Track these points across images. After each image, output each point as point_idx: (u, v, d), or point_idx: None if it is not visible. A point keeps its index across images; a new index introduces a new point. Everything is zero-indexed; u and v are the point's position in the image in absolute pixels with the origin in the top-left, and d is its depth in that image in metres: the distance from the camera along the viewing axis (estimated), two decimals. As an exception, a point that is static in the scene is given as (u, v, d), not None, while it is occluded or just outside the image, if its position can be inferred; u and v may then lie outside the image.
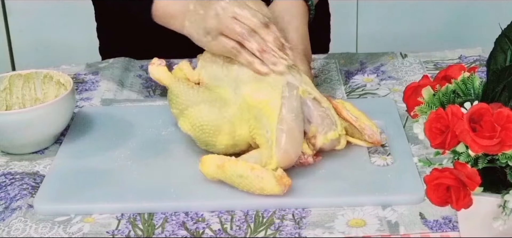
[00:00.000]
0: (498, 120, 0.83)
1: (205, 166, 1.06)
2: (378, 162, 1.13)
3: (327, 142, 1.11)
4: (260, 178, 1.02)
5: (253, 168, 1.03)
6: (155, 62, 1.19)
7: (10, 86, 1.27)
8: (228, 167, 1.04)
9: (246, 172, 1.03)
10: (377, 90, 1.36)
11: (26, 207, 1.05)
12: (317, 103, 1.11)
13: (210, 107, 1.12)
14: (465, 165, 0.84)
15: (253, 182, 1.03)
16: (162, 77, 1.17)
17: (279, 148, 1.06)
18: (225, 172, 1.04)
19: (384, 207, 1.03)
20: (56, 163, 1.15)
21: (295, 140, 1.07)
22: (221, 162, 1.05)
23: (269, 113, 1.08)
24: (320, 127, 1.10)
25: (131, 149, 1.18)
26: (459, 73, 0.93)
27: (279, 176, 1.03)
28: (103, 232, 1.00)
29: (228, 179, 1.05)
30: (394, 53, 1.51)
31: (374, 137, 1.14)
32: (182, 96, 1.14)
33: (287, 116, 1.07)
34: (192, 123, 1.12)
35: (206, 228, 1.00)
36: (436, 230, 0.98)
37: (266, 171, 1.03)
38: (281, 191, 1.03)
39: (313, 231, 0.99)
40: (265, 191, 1.03)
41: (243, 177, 1.03)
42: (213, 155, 1.08)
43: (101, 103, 1.36)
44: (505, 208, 0.85)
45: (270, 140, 1.07)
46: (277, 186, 1.02)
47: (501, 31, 0.95)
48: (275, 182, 1.02)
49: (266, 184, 1.02)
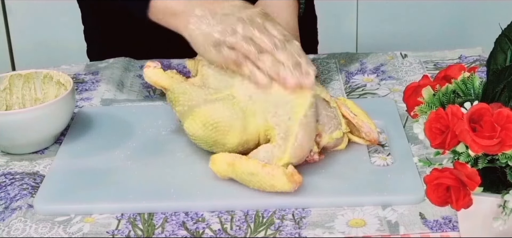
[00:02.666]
0: (498, 120, 0.83)
1: (216, 164, 1.06)
2: (378, 162, 1.13)
3: (331, 141, 1.11)
4: (271, 175, 1.02)
5: (264, 165, 1.03)
6: (150, 65, 1.17)
7: (10, 86, 1.27)
8: (239, 165, 1.04)
9: (257, 169, 1.03)
10: (377, 90, 1.36)
11: (26, 207, 1.05)
12: (326, 103, 1.12)
13: (223, 106, 1.10)
14: (465, 165, 0.84)
15: (263, 179, 1.03)
16: (160, 79, 1.15)
17: (296, 141, 1.05)
18: (236, 169, 1.04)
19: (384, 207, 1.03)
20: (56, 163, 1.15)
21: (310, 136, 1.07)
22: (232, 159, 1.05)
23: (299, 103, 1.07)
24: (327, 126, 1.10)
25: (131, 149, 1.18)
26: (459, 73, 0.93)
27: (290, 173, 1.03)
28: (103, 232, 1.00)
29: (238, 176, 1.05)
30: (394, 53, 1.51)
31: (371, 135, 1.14)
32: (190, 94, 1.12)
33: (309, 112, 1.07)
34: (204, 121, 1.10)
35: (206, 228, 1.00)
36: (436, 230, 0.98)
37: (277, 168, 1.03)
38: (292, 188, 1.03)
39: (313, 231, 0.99)
40: (276, 188, 1.03)
41: (253, 174, 1.03)
42: (223, 153, 1.07)
43: (101, 103, 1.36)
44: (505, 208, 0.85)
45: (289, 130, 1.06)
46: (288, 183, 1.02)
47: (501, 31, 0.95)
48: (286, 179, 1.02)
49: (277, 181, 1.02)
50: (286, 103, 1.08)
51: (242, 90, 1.11)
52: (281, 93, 1.09)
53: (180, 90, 1.13)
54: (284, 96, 1.08)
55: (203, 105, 1.10)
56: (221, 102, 1.10)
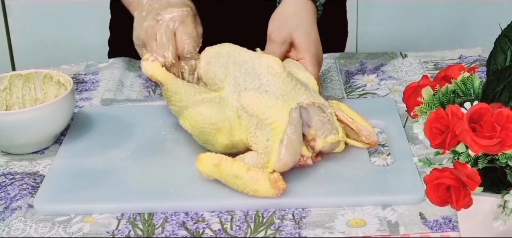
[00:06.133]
0: (498, 120, 0.83)
1: (201, 164, 1.07)
2: (378, 162, 1.13)
3: (326, 145, 1.10)
4: (254, 180, 1.02)
5: (249, 169, 1.03)
6: (147, 57, 1.18)
7: (10, 86, 1.27)
8: (224, 167, 1.04)
9: (242, 172, 1.03)
10: (377, 90, 1.36)
11: (26, 207, 1.05)
12: (319, 109, 1.11)
13: (209, 108, 1.11)
14: (465, 165, 0.84)
15: (247, 183, 1.03)
16: (156, 73, 1.16)
17: (279, 159, 1.05)
18: (221, 171, 1.04)
19: (384, 207, 1.03)
20: (56, 163, 1.15)
21: (294, 150, 1.07)
22: (218, 161, 1.05)
23: (275, 127, 1.07)
24: (320, 130, 1.10)
25: (131, 149, 1.18)
26: (459, 73, 0.93)
27: (274, 179, 1.03)
28: (103, 232, 1.00)
29: (223, 178, 1.05)
30: (394, 53, 1.51)
31: (371, 138, 1.14)
32: (181, 94, 1.13)
33: (289, 130, 1.07)
34: (191, 124, 1.12)
35: (206, 228, 1.00)
36: (436, 230, 0.98)
37: (261, 173, 1.03)
38: (275, 194, 1.03)
39: (313, 231, 0.99)
40: (258, 192, 1.03)
41: (237, 177, 1.03)
42: (210, 154, 1.08)
43: (101, 103, 1.36)
44: (505, 208, 0.85)
45: (270, 147, 1.06)
46: (271, 189, 1.02)
47: (501, 31, 0.95)
48: (269, 184, 1.02)
49: (260, 186, 1.02)
50: (265, 127, 1.08)
51: (230, 98, 1.12)
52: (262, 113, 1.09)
53: (173, 89, 1.14)
54: (264, 118, 1.08)
55: (191, 107, 1.12)
56: (208, 104, 1.12)
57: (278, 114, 1.07)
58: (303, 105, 1.09)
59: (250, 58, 1.15)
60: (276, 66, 1.13)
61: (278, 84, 1.11)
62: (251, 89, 1.11)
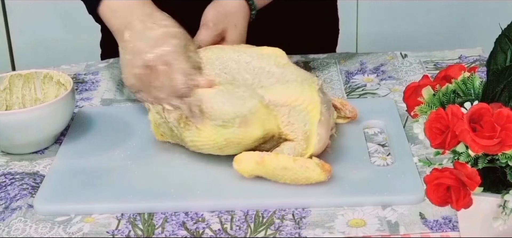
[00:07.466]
0: (498, 120, 0.83)
1: (242, 165, 1.06)
2: (378, 162, 1.13)
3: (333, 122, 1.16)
4: (305, 168, 1.04)
5: (295, 159, 1.04)
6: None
7: (10, 86, 1.27)
8: (269, 162, 1.05)
9: (289, 163, 1.04)
10: (377, 90, 1.36)
11: (26, 207, 1.06)
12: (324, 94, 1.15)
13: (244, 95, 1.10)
14: (465, 165, 0.84)
15: (297, 172, 1.04)
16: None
17: (319, 139, 1.08)
18: (266, 167, 1.05)
19: (384, 207, 1.03)
20: (56, 163, 1.15)
21: (328, 128, 1.11)
22: (260, 158, 1.05)
23: (311, 109, 1.09)
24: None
25: (131, 149, 1.18)
26: (459, 73, 0.93)
27: (321, 164, 1.05)
28: (103, 232, 1.00)
29: (269, 173, 1.05)
30: (394, 53, 1.51)
31: (354, 111, 1.21)
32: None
33: (323, 109, 1.10)
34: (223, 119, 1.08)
35: (206, 228, 1.00)
36: (436, 230, 0.98)
37: (309, 160, 1.05)
38: (326, 178, 1.04)
39: (313, 231, 0.99)
40: (310, 179, 1.04)
41: (287, 169, 1.04)
42: (248, 153, 1.07)
43: (101, 103, 1.36)
44: (505, 208, 0.85)
45: (309, 131, 1.08)
46: (323, 173, 1.04)
47: (501, 31, 0.94)
48: (320, 169, 1.04)
49: (311, 173, 1.04)
50: (298, 113, 1.09)
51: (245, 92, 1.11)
52: (295, 100, 1.10)
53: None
54: (297, 104, 1.09)
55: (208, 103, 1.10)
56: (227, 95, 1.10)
57: (311, 98, 1.10)
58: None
59: (252, 58, 1.16)
60: (280, 58, 1.17)
61: (294, 71, 1.15)
62: (269, 86, 1.12)
